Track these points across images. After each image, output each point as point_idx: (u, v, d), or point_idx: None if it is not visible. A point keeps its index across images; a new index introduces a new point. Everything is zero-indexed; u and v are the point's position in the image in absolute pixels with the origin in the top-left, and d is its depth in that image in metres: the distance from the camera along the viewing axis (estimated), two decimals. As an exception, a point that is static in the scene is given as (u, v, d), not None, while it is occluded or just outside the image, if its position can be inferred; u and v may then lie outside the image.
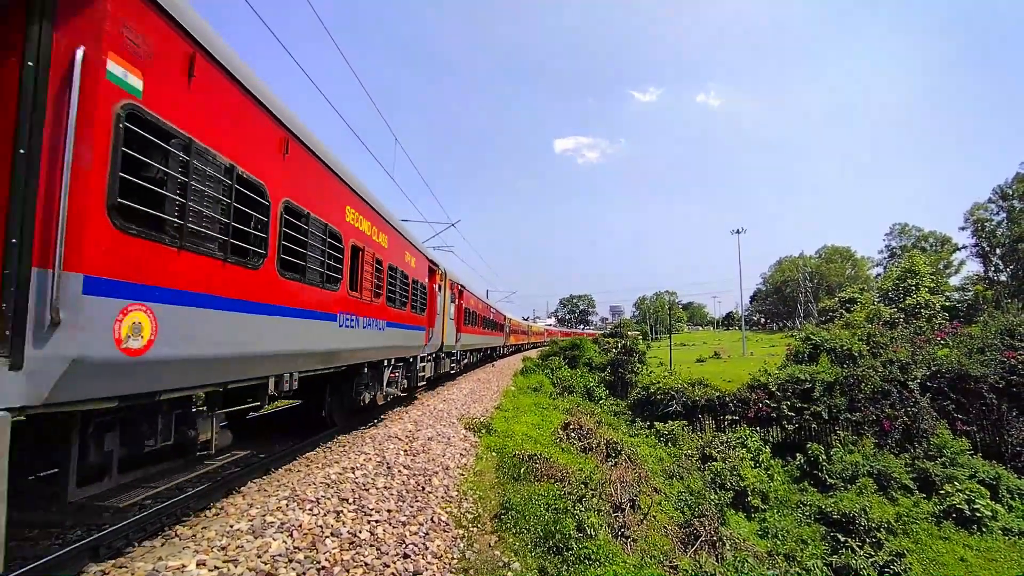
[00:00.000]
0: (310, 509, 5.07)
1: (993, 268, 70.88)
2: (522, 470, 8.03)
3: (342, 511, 5.17)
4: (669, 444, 19.86)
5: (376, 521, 5.13)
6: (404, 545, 4.80)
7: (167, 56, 3.76)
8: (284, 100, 5.57)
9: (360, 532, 4.81)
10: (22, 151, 2.93)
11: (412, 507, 5.72)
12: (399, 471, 6.79)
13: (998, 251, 69.10)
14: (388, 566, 4.36)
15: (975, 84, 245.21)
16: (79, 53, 3.02)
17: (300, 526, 4.65)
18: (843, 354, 23.21)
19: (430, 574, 4.47)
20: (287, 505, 5.10)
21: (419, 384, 13.51)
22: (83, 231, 3.05)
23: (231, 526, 4.52)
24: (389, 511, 5.44)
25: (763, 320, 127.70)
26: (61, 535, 4.35)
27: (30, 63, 2.95)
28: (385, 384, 10.19)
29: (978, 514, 14.88)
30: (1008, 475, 16.63)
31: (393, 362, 10.59)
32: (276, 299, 5.41)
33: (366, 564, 4.30)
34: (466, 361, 22.01)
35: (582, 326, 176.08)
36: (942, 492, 15.90)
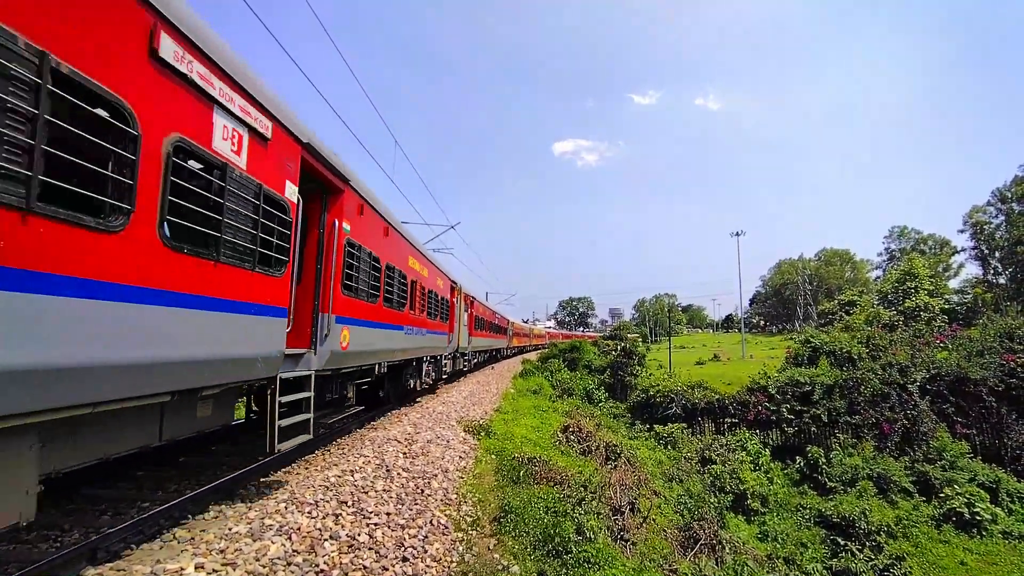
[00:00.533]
0: (309, 512, 5.06)
1: (992, 271, 71.02)
2: (521, 473, 8.01)
3: (341, 514, 5.16)
4: (668, 447, 19.83)
5: (375, 524, 5.12)
6: (403, 548, 4.78)
7: (357, 210, 7.71)
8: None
9: (359, 535, 4.79)
10: (319, 267, 6.75)
11: (411, 510, 5.70)
12: (398, 474, 6.78)
13: (997, 254, 69.23)
14: (387, 569, 4.34)
15: (975, 84, 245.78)
16: (336, 222, 6.90)
17: (299, 529, 4.64)
18: (842, 357, 23.21)
19: (429, 577, 4.46)
20: (286, 508, 5.08)
21: (442, 376, 16.90)
22: (336, 297, 6.85)
23: (229, 528, 4.51)
24: (388, 514, 5.42)
25: (762, 323, 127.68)
26: (58, 538, 4.33)
27: (321, 230, 6.86)
28: (423, 375, 13.76)
29: (978, 517, 14.84)
30: (1008, 478, 16.59)
31: (428, 359, 14.17)
32: (383, 319, 9.19)
33: (365, 567, 4.28)
34: (476, 360, 25.04)
35: (581, 328, 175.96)
36: (942, 495, 15.86)
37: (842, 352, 23.45)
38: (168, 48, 3.71)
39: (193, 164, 4.07)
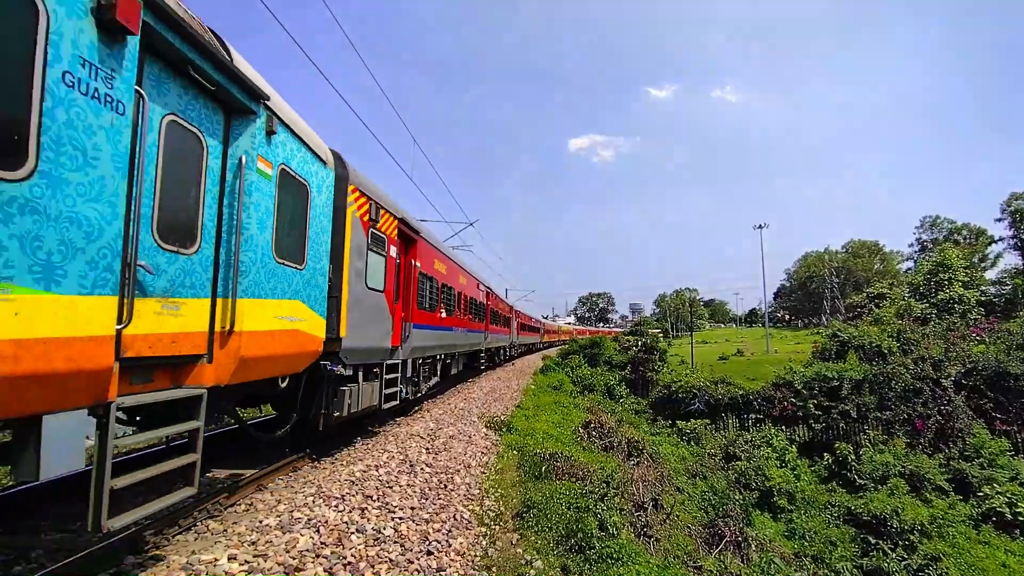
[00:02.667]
0: (336, 506, 5.16)
1: (1033, 261, 67.76)
2: (543, 468, 8.02)
3: (367, 508, 5.25)
4: (692, 443, 19.61)
5: (400, 518, 5.19)
6: (427, 542, 4.84)
7: (493, 296, 24.53)
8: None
9: (384, 529, 4.87)
10: (482, 316, 20.79)
11: (435, 504, 5.77)
12: (422, 469, 6.86)
13: (1038, 243, 66.04)
14: (412, 562, 4.41)
15: (1011, 72, 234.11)
16: (490, 304, 22.55)
17: (326, 522, 4.74)
18: (872, 351, 22.57)
19: (453, 571, 4.51)
20: (313, 502, 5.20)
21: (507, 357, 30.38)
22: (488, 325, 21.82)
23: (260, 521, 4.63)
24: (412, 508, 5.50)
25: (788, 317, 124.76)
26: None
27: (485, 305, 21.59)
28: (501, 355, 27.30)
29: (1021, 518, 14.28)
30: (1052, 477, 15.92)
31: (504, 348, 27.70)
32: (494, 331, 22.93)
33: (391, 560, 4.35)
34: (520, 350, 38.01)
35: (601, 324, 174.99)
36: (980, 494, 15.31)
37: (872, 346, 22.80)
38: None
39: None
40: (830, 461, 18.21)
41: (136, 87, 3.21)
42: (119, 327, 3.10)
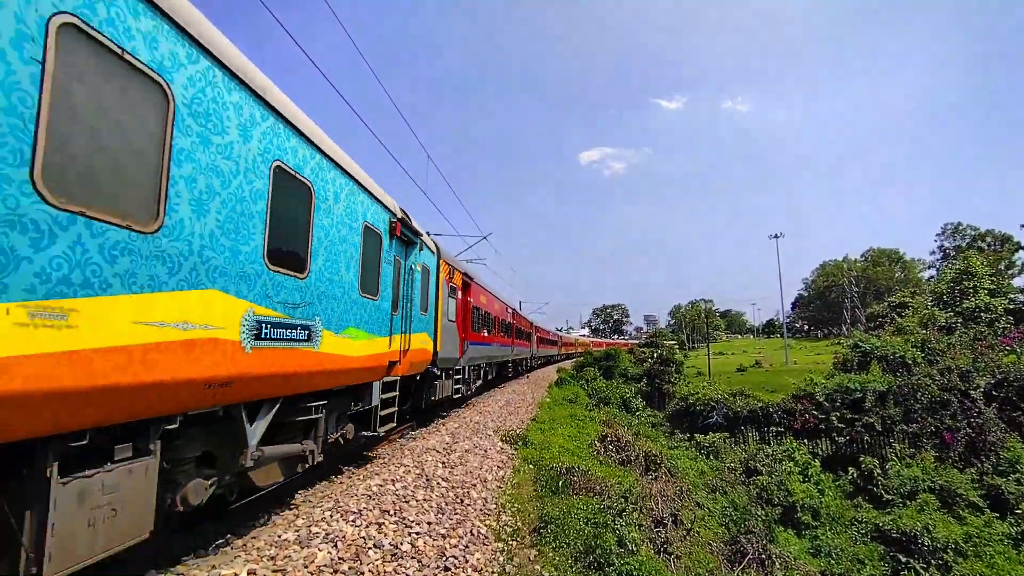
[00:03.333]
0: (353, 520, 5.16)
1: (1063, 267, 65.64)
2: (560, 483, 7.92)
3: (384, 523, 5.24)
4: (710, 457, 19.21)
5: (417, 533, 5.16)
6: (445, 558, 4.80)
7: (514, 313, 27.47)
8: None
9: (401, 544, 4.85)
10: (508, 334, 24.79)
11: (451, 519, 5.73)
12: (438, 483, 6.83)
13: (1068, 248, 64.01)
14: (430, 578, 4.37)
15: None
16: (515, 321, 27.70)
17: (344, 537, 4.73)
18: (896, 362, 21.97)
19: (471, 588, 4.46)
20: (331, 516, 5.21)
21: (528, 368, 34.14)
22: (515, 341, 27.20)
23: (279, 536, 4.65)
24: (429, 523, 5.47)
25: (806, 327, 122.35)
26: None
27: (512, 324, 25.89)
28: (524, 367, 32.04)
29: (1061, 536, 13.62)
30: (1094, 493, 15.18)
31: (526, 360, 31.86)
32: (519, 345, 27.47)
33: (408, 576, 4.32)
34: (540, 361, 42.82)
35: (616, 336, 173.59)
36: (1018, 511, 14.66)
37: (895, 357, 22.21)
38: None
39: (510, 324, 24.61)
40: (855, 475, 17.65)
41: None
42: (388, 348, 7.12)
